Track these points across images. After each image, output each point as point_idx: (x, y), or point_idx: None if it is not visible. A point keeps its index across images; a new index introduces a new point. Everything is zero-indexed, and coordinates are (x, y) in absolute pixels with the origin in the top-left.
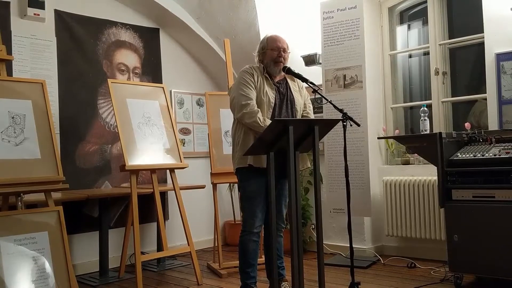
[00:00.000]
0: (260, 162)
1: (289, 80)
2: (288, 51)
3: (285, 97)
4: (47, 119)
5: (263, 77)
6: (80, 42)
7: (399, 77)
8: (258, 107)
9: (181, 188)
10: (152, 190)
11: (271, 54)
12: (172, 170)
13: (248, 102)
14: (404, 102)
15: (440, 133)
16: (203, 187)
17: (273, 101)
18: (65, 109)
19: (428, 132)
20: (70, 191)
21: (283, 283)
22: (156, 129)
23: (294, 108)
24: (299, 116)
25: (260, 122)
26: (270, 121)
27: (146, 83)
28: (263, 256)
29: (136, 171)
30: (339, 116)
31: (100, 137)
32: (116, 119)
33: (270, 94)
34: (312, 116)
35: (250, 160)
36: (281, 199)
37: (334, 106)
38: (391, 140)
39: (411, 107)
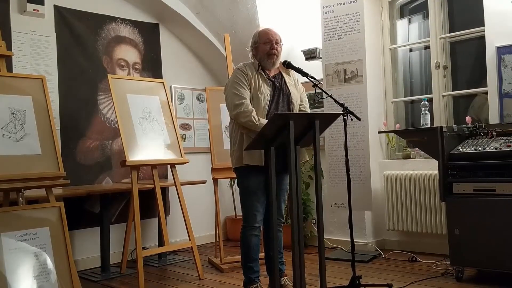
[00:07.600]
0: (256, 160)
1: (284, 74)
2: (281, 43)
3: (280, 91)
4: (47, 115)
5: (258, 73)
6: (80, 38)
7: (400, 71)
8: (254, 104)
9: (182, 184)
10: (153, 185)
11: (264, 47)
12: (172, 165)
13: (242, 101)
14: (405, 96)
15: (441, 127)
16: (204, 182)
17: (269, 97)
18: (65, 105)
19: (429, 126)
20: (71, 187)
21: (283, 278)
22: (157, 124)
23: (291, 102)
24: (296, 110)
25: (255, 121)
26: (266, 120)
27: (146, 79)
28: (263, 251)
29: (137, 167)
30: (339, 110)
31: (100, 133)
32: (116, 115)
33: (266, 90)
34: (308, 110)
35: (246, 160)
36: (280, 194)
37: (335, 100)
38: (392, 134)
39: (412, 101)
